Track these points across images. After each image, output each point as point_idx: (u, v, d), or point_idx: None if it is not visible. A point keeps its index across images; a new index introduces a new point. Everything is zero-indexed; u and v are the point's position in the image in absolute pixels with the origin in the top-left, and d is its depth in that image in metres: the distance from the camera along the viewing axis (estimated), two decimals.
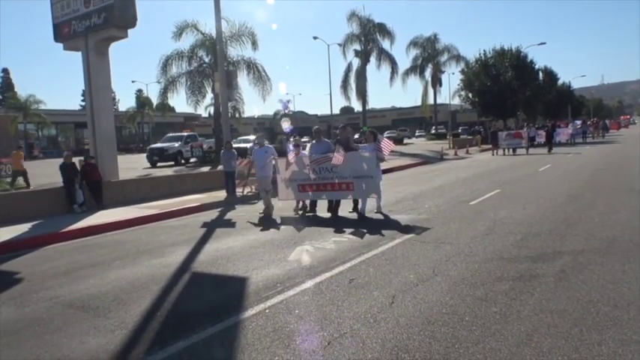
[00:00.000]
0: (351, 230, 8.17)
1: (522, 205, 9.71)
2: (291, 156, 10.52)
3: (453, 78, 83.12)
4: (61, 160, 12.63)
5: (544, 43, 47.33)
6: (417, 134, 70.71)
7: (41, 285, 6.04)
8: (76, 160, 13.00)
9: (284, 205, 10.97)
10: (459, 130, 59.35)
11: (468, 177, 16.21)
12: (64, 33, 14.36)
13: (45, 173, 21.18)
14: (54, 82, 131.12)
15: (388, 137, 59.36)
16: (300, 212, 10.47)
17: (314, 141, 10.76)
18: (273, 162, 10.88)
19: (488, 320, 4.06)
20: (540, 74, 53.06)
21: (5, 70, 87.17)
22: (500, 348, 3.54)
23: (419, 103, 60.06)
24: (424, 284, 5.09)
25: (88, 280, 6.12)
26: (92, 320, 4.67)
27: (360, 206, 9.73)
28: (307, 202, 10.58)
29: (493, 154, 28.35)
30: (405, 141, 51.88)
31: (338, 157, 9.58)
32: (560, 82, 65.85)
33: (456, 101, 56.86)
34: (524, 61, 45.17)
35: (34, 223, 10.42)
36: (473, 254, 6.20)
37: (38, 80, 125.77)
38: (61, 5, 14.26)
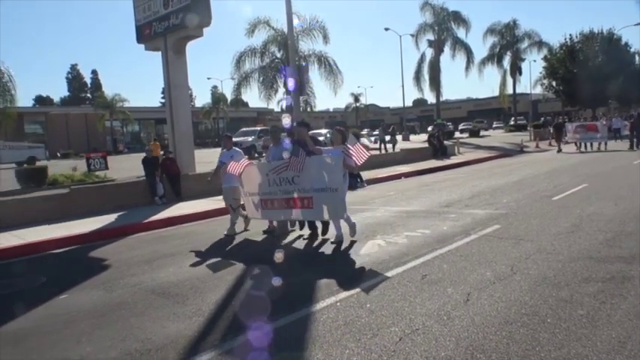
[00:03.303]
0: (422, 226, 8.02)
1: (614, 201, 9.02)
2: (244, 161, 8.33)
3: (534, 66, 78.56)
4: (143, 155, 13.50)
5: None
6: (494, 126, 67.83)
7: (126, 272, 6.50)
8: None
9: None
10: (541, 121, 56.23)
11: (550, 170, 15.32)
12: (145, 34, 15.24)
13: (128, 167, 22.70)
14: (136, 81, 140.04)
15: (464, 129, 56.78)
16: (265, 234, 8.40)
17: (271, 145, 8.59)
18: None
19: (573, 324, 3.82)
20: (637, 58, 48.84)
21: (94, 72, 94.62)
22: (587, 354, 3.32)
23: (496, 93, 57.46)
24: (501, 282, 4.89)
25: (168, 269, 6.49)
26: (172, 306, 4.96)
27: (336, 231, 7.37)
28: (275, 222, 8.49)
29: (559, 151, 23.63)
30: (482, 133, 49.98)
31: (294, 164, 7.45)
32: None
33: (538, 90, 53.76)
34: (617, 44, 41.81)
35: (120, 213, 11.20)
36: (556, 252, 5.86)
37: (122, 79, 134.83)
38: (143, 8, 15.14)
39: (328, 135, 31.88)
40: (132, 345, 4.06)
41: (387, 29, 44.91)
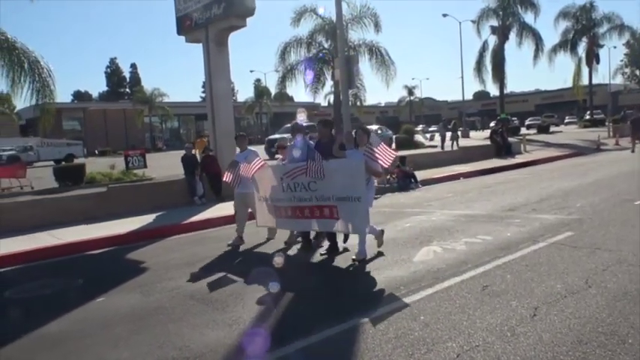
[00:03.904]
0: (484, 231, 7.83)
1: None
2: (258, 162, 7.94)
3: (614, 53, 74.87)
4: (182, 152, 13.90)
5: None
6: (566, 121, 65.38)
7: (164, 275, 6.71)
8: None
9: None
10: (621, 115, 53.65)
11: (632, 171, 14.58)
12: (185, 26, 15.66)
13: (167, 165, 23.41)
14: (176, 75, 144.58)
15: (531, 125, 54.72)
16: (286, 245, 8.12)
17: (289, 144, 8.18)
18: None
19: None
20: None
21: (133, 66, 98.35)
22: None
23: (569, 84, 55.31)
24: (574, 296, 4.70)
25: (207, 273, 6.65)
26: (211, 313, 5.08)
27: (359, 246, 6.85)
28: (295, 231, 8.21)
29: (633, 151, 21.13)
30: (552, 129, 48.27)
31: (312, 169, 6.99)
32: None
33: (618, 80, 51.42)
34: None
35: (159, 213, 11.57)
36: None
37: (162, 73, 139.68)
38: None
39: (379, 131, 31.74)
40: (169, 352, 4.18)
41: (445, 15, 44.20)
